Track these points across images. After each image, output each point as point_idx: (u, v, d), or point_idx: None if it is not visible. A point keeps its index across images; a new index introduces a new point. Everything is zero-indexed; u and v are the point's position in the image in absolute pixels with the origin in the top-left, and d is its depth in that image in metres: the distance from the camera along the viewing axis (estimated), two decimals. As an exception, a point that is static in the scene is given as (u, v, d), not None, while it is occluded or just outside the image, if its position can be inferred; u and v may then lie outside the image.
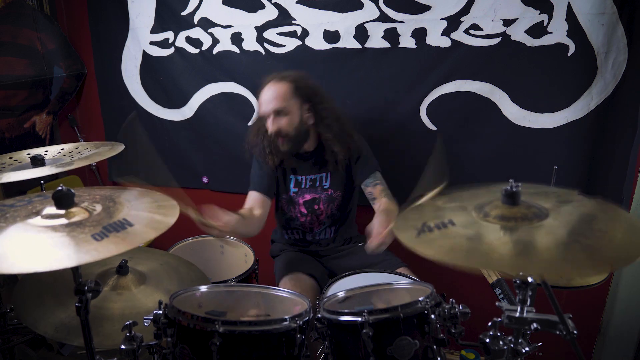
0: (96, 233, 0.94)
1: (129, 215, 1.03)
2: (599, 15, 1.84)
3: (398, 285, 1.50)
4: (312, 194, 1.96)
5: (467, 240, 0.91)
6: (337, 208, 2.00)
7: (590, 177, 2.03)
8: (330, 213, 1.99)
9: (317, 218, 1.99)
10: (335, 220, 2.03)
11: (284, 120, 1.80)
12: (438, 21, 2.04)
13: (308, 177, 1.96)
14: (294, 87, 1.80)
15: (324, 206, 1.97)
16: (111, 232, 0.95)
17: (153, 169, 1.64)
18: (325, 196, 1.96)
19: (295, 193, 1.97)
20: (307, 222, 2.01)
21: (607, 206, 1.03)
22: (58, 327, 1.26)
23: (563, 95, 1.98)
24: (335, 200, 1.98)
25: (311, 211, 1.98)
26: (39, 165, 1.51)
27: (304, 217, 1.99)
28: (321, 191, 1.96)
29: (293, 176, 1.97)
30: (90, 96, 2.83)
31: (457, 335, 1.24)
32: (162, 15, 2.47)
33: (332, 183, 1.95)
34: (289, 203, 2.00)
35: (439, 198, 1.19)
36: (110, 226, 0.97)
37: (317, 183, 1.96)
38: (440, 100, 2.14)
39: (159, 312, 1.21)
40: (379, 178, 1.93)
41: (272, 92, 1.80)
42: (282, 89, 1.79)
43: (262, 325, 1.17)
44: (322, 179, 1.96)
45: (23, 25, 2.49)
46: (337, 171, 1.93)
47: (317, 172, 1.96)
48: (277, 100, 1.78)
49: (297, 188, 1.97)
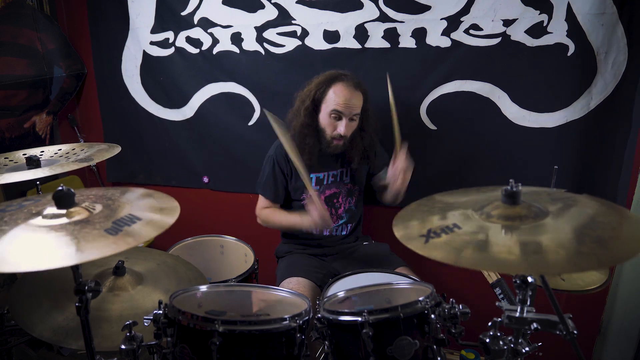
0: (109, 228, 0.95)
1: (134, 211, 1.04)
2: (598, 15, 1.84)
3: (398, 285, 1.49)
4: (334, 189, 2.03)
5: (477, 243, 0.90)
6: (354, 203, 2.06)
7: (590, 176, 2.03)
8: (347, 207, 2.05)
9: (335, 212, 2.04)
10: (352, 217, 2.07)
11: (353, 124, 1.88)
12: (438, 21, 2.04)
13: (330, 173, 2.01)
14: (364, 98, 1.89)
15: (342, 200, 2.04)
16: (122, 227, 0.96)
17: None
18: (345, 190, 2.04)
19: (317, 191, 2.00)
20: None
21: (601, 201, 1.03)
22: (56, 330, 1.26)
23: (563, 95, 1.98)
24: (354, 194, 2.05)
25: (330, 205, 2.03)
26: (34, 167, 1.50)
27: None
28: (342, 185, 2.03)
29: (314, 175, 1.99)
30: (90, 96, 2.83)
31: (457, 335, 1.24)
32: (162, 15, 2.47)
33: (352, 178, 2.04)
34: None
35: (439, 199, 1.19)
36: (121, 221, 0.98)
37: (338, 178, 2.03)
38: (440, 100, 2.14)
39: (159, 312, 1.21)
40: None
41: (355, 98, 1.85)
42: (361, 97, 1.87)
43: (262, 325, 1.17)
44: (343, 173, 2.03)
45: (23, 25, 2.49)
46: (356, 166, 2.00)
47: (338, 168, 2.02)
48: (358, 106, 1.87)
49: (319, 186, 2.02)
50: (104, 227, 0.95)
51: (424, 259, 0.91)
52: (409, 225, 1.06)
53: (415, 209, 1.14)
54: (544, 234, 0.90)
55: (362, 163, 2.01)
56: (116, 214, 1.02)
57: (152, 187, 1.26)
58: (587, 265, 0.81)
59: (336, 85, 1.85)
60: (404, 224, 1.07)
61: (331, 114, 1.85)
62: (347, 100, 1.83)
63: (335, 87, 1.84)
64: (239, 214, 2.69)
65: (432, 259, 0.89)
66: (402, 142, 1.83)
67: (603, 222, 0.94)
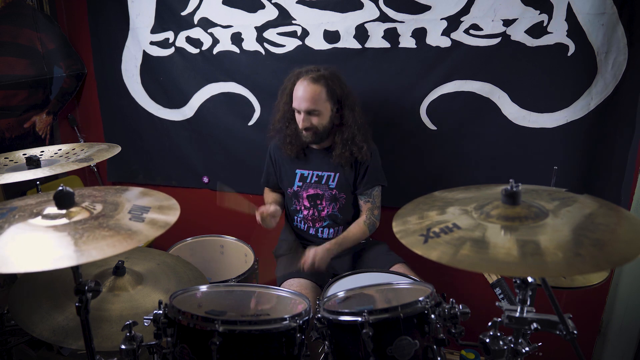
0: (110, 228, 0.96)
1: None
2: (598, 15, 1.84)
3: (398, 285, 1.50)
4: (317, 189, 2.01)
5: (476, 244, 0.90)
6: (338, 209, 2.02)
7: (590, 177, 2.03)
8: (331, 212, 2.02)
9: (318, 214, 2.03)
10: (336, 222, 2.04)
11: (315, 119, 1.88)
12: (438, 21, 2.04)
13: (315, 173, 2.01)
14: (327, 91, 1.86)
15: (326, 203, 2.02)
16: (123, 226, 0.97)
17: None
18: (329, 195, 2.00)
19: (299, 187, 2.03)
20: (310, 215, 2.04)
21: (601, 202, 1.03)
22: (56, 330, 1.26)
23: (563, 95, 1.98)
24: (338, 201, 2.01)
25: (313, 205, 2.02)
26: (34, 167, 1.50)
27: (307, 210, 2.04)
28: (326, 189, 2.00)
29: (299, 170, 2.02)
30: (90, 96, 2.83)
31: (457, 335, 1.24)
32: (162, 15, 2.47)
33: (338, 184, 1.99)
34: (292, 197, 2.06)
35: (439, 196, 1.19)
36: (121, 220, 0.99)
37: (323, 180, 2.01)
38: (440, 100, 2.14)
39: (159, 312, 1.21)
40: (373, 195, 2.00)
41: (307, 93, 1.85)
42: (317, 90, 1.85)
43: (262, 325, 1.17)
44: (329, 177, 2.00)
45: (23, 25, 2.49)
46: (344, 174, 1.98)
47: (325, 170, 2.00)
48: (312, 102, 1.85)
49: (302, 182, 2.02)
50: (104, 227, 0.95)
51: (424, 259, 0.91)
52: (407, 221, 1.06)
53: (414, 207, 1.14)
54: (542, 235, 0.90)
55: (346, 169, 1.96)
56: (117, 214, 1.02)
57: (152, 187, 1.26)
58: (584, 268, 0.81)
59: (297, 83, 1.89)
60: (402, 220, 1.07)
61: (295, 109, 1.91)
62: (300, 97, 1.86)
63: (297, 84, 1.88)
64: (239, 214, 2.68)
65: (431, 259, 0.89)
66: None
67: (602, 224, 0.93)
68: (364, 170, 1.97)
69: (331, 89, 1.87)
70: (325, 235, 2.05)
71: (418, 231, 0.99)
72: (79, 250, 0.88)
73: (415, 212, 1.10)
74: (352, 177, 1.99)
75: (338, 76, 1.92)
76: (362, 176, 1.98)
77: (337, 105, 1.91)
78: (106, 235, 0.93)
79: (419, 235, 0.98)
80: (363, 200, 2.01)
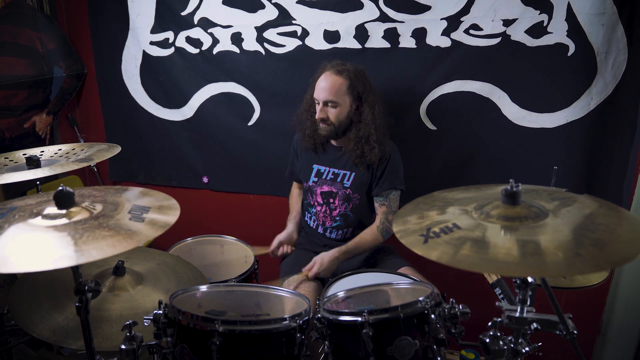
0: (110, 227, 0.95)
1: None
2: (598, 15, 1.84)
3: (398, 285, 1.49)
4: (331, 187, 2.00)
5: (476, 244, 0.90)
6: (351, 210, 2.00)
7: (590, 177, 2.03)
8: (343, 212, 2.01)
9: (330, 212, 2.02)
10: (346, 223, 2.02)
11: (333, 111, 1.87)
12: (438, 21, 2.04)
13: (331, 170, 2.01)
14: (349, 84, 1.86)
15: (338, 202, 2.00)
16: (123, 226, 0.97)
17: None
18: (343, 194, 1.99)
19: (314, 182, 2.03)
20: (321, 212, 2.03)
21: (601, 202, 1.03)
22: (55, 330, 1.26)
23: (563, 95, 1.98)
24: (352, 201, 1.99)
25: (326, 203, 2.02)
26: (34, 167, 1.50)
27: (320, 206, 2.04)
28: (340, 188, 1.99)
29: (316, 166, 2.03)
30: (90, 96, 2.83)
31: (457, 335, 1.24)
32: (162, 15, 2.47)
33: (353, 184, 1.98)
34: (307, 191, 2.08)
35: (438, 196, 1.19)
36: (121, 220, 0.98)
37: (338, 178, 2.00)
38: (440, 100, 2.14)
39: (159, 312, 1.21)
40: (390, 198, 1.95)
41: (328, 83, 1.85)
42: (338, 82, 1.85)
43: (262, 325, 1.17)
44: (344, 176, 1.99)
45: (23, 25, 2.49)
46: (359, 174, 1.95)
47: (341, 168, 1.99)
48: (331, 92, 1.85)
49: (317, 178, 2.03)
50: (104, 227, 0.95)
51: (425, 259, 0.91)
52: (407, 221, 1.06)
53: (414, 207, 1.14)
54: (542, 235, 0.90)
55: (358, 160, 1.91)
56: (117, 214, 1.02)
57: (151, 187, 1.26)
58: (584, 268, 0.81)
59: (322, 74, 1.89)
60: (402, 219, 1.07)
61: (315, 99, 1.91)
62: (321, 87, 1.86)
63: (321, 75, 1.89)
64: (239, 214, 2.69)
65: (431, 259, 0.89)
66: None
67: (602, 224, 0.93)
68: (381, 170, 1.93)
69: (353, 83, 1.86)
70: (333, 236, 2.04)
71: (418, 231, 0.99)
72: (79, 250, 0.88)
73: (415, 212, 1.10)
74: (368, 178, 1.95)
75: (363, 72, 1.91)
76: (379, 177, 1.94)
77: (358, 101, 1.89)
78: (106, 235, 0.93)
79: (419, 235, 0.98)
80: (379, 203, 1.96)
